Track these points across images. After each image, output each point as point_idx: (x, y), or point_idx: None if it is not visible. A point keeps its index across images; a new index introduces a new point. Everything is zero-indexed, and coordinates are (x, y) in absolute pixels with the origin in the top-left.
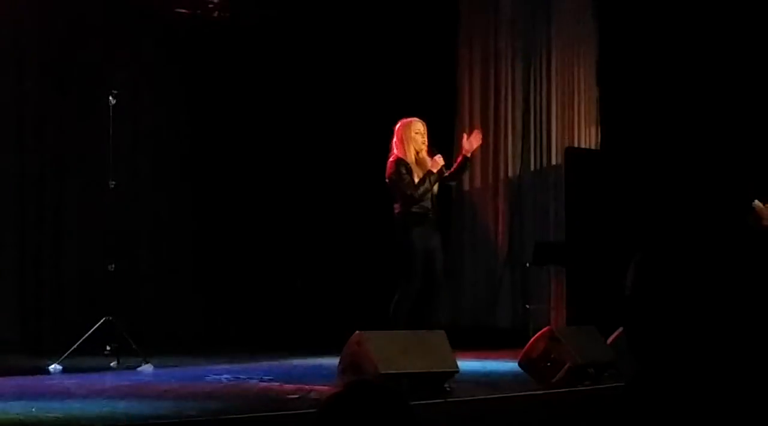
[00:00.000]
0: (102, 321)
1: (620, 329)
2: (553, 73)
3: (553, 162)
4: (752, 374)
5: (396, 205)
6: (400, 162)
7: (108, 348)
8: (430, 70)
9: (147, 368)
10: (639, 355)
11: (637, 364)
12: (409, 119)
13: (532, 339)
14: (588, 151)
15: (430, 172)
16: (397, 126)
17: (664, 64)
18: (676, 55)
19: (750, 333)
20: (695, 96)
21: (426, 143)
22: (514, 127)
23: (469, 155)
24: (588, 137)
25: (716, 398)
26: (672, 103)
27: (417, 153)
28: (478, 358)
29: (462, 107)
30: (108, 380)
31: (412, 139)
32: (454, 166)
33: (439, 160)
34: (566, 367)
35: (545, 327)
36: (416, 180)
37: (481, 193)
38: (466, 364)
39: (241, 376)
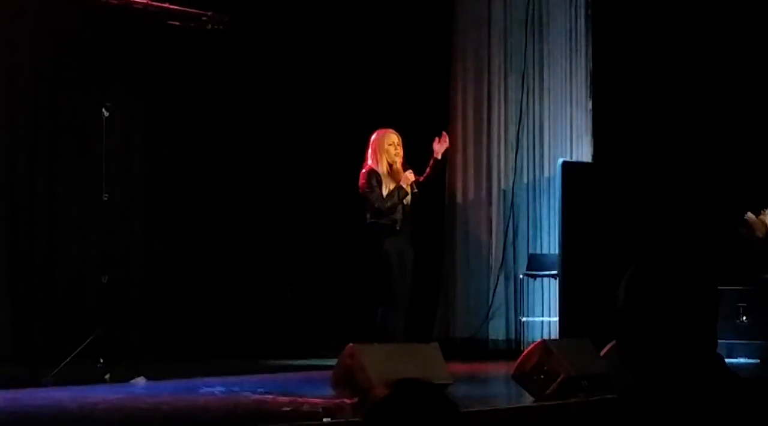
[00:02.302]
0: (95, 334)
1: (614, 341)
2: (546, 85)
3: (546, 174)
4: (744, 386)
5: (367, 215)
6: (372, 173)
7: (101, 361)
8: (424, 82)
9: (140, 381)
10: (632, 367)
11: (631, 377)
12: (384, 130)
13: (525, 351)
14: (583, 164)
15: (399, 187)
16: (373, 136)
17: (657, 75)
18: (669, 66)
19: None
20: (689, 107)
21: (399, 155)
22: (506, 140)
23: (439, 157)
24: (581, 149)
25: (709, 410)
26: (665, 115)
27: (390, 165)
28: (472, 370)
29: (455, 120)
30: (101, 393)
31: (385, 150)
32: (428, 169)
33: (410, 175)
34: (559, 379)
35: (538, 339)
36: (386, 192)
37: (474, 205)
38: (460, 377)
39: (235, 389)
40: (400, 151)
